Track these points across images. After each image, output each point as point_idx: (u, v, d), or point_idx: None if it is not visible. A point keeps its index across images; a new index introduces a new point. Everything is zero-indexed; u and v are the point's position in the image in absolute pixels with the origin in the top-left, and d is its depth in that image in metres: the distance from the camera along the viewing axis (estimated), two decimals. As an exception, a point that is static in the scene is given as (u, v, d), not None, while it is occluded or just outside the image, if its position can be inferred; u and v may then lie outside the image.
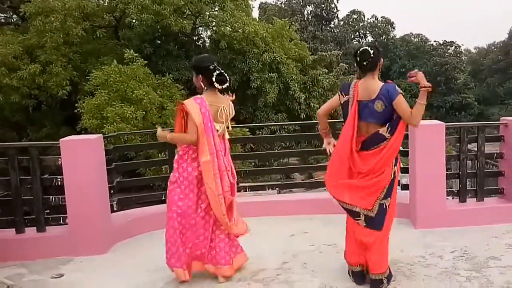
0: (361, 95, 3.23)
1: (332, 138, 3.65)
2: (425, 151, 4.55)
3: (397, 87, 3.23)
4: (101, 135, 4.56)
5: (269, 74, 19.18)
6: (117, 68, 14.84)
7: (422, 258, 3.86)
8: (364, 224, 3.27)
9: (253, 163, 14.93)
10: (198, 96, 3.39)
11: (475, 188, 4.93)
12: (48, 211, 4.66)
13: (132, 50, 15.99)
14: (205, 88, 3.41)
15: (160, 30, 18.68)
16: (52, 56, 15.94)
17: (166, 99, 15.58)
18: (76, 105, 15.54)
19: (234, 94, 3.60)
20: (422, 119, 3.39)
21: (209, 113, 3.32)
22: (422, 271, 3.58)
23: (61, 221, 4.44)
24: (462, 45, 49.75)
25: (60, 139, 4.22)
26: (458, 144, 4.82)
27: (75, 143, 4.26)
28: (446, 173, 4.81)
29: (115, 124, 13.41)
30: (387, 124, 3.20)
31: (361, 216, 3.27)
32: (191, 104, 3.30)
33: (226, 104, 3.47)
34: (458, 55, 46.65)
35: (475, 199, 4.92)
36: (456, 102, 42.08)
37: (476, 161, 4.88)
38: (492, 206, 4.86)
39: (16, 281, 3.68)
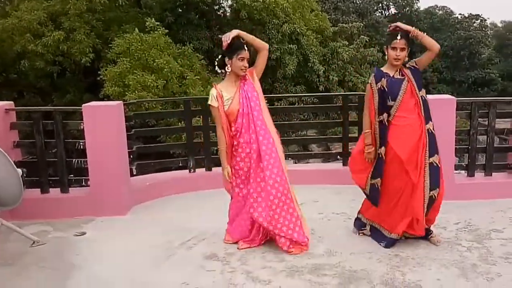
0: None
1: None
2: (435, 125, 4.60)
3: (371, 76, 3.66)
4: (121, 102, 4.76)
5: (289, 46, 18.98)
6: (138, 36, 14.92)
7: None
8: None
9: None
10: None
11: (484, 163, 5.00)
12: (71, 174, 4.93)
13: (153, 18, 16.00)
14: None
15: (181, -1, 18.62)
16: (75, 23, 16.07)
17: (186, 69, 15.66)
18: (98, 72, 15.76)
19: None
20: (443, 92, 3.75)
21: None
22: (425, 241, 3.71)
23: (83, 183, 4.70)
24: (488, 18, 48.07)
25: (83, 105, 4.44)
26: (469, 119, 4.86)
27: (96, 108, 4.46)
28: (456, 147, 4.89)
29: (136, 92, 13.59)
30: None
31: None
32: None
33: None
34: (484, 29, 45.02)
35: (483, 173, 4.99)
36: (479, 77, 40.90)
37: (486, 136, 4.92)
38: (500, 181, 4.93)
39: (41, 238, 3.95)
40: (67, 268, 3.43)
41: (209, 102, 3.48)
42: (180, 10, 19.51)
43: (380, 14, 44.32)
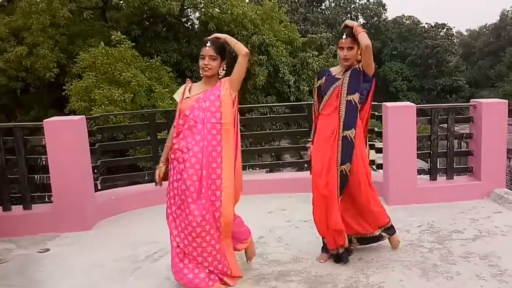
0: None
1: None
2: (397, 132, 4.76)
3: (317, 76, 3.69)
4: (83, 116, 4.70)
5: (259, 57, 19.14)
6: (104, 50, 14.76)
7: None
8: None
9: (243, 146, 15.09)
10: None
11: (445, 167, 5.16)
12: (35, 191, 4.81)
13: (119, 32, 15.86)
14: None
15: (147, 12, 18.53)
16: (38, 38, 15.78)
17: (154, 82, 15.56)
18: (64, 87, 15.49)
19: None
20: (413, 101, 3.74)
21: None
22: (389, 244, 3.79)
23: (47, 199, 4.60)
24: (454, 27, 49.75)
25: (44, 120, 4.37)
26: (429, 125, 5.03)
27: (58, 123, 4.40)
28: (418, 153, 5.04)
29: (103, 106, 13.40)
30: None
31: None
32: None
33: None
34: (450, 37, 46.68)
35: (445, 177, 5.15)
36: (447, 84, 42.27)
37: (446, 141, 5.09)
38: (461, 184, 5.11)
39: (4, 256, 3.86)
40: (31, 285, 3.38)
41: (174, 95, 3.26)
42: (147, 23, 19.43)
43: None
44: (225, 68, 3.14)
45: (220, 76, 3.13)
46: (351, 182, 3.41)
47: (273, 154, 17.51)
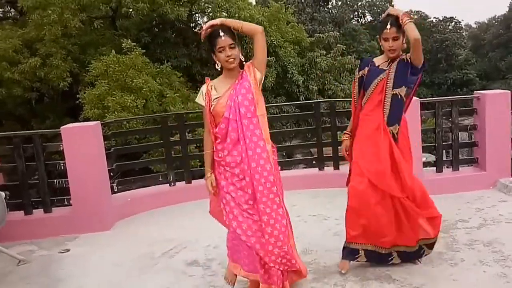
0: None
1: None
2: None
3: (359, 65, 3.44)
4: (99, 122, 4.91)
5: (267, 58, 19.37)
6: (115, 58, 15.06)
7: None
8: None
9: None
10: None
11: (451, 159, 5.26)
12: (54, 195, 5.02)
13: (130, 39, 16.16)
14: None
15: (157, 19, 18.83)
16: (51, 49, 16.16)
17: (165, 87, 15.82)
18: (77, 96, 15.83)
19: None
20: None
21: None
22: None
23: (66, 202, 4.81)
24: (462, 20, 49.39)
25: (61, 127, 4.58)
26: (434, 118, 5.13)
27: (74, 130, 4.61)
28: (424, 145, 5.15)
29: (116, 113, 13.68)
30: None
31: None
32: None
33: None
34: (459, 30, 46.30)
35: (451, 169, 5.24)
36: (458, 78, 41.91)
37: (451, 133, 5.19)
38: (466, 175, 5.20)
39: (27, 257, 4.06)
40: (53, 283, 3.56)
41: (196, 99, 2.95)
42: (157, 30, 19.73)
43: (356, 22, 45.15)
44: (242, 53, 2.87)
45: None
46: None
47: (284, 153, 17.63)
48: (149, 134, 12.54)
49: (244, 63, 2.88)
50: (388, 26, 3.07)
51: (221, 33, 2.76)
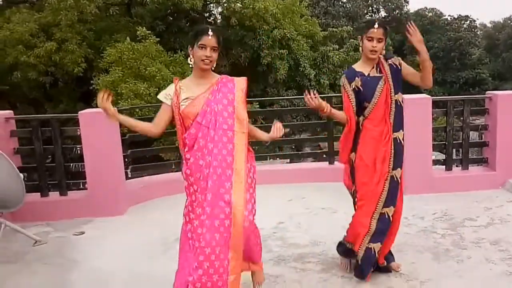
0: None
1: None
2: (413, 124, 4.87)
3: (343, 77, 3.15)
4: (116, 108, 4.99)
5: (280, 51, 19.30)
6: (130, 45, 15.17)
7: (405, 219, 4.22)
8: None
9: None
10: None
11: (460, 158, 5.30)
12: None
13: (144, 27, 16.28)
14: None
15: (171, 7, 18.89)
16: (67, 34, 16.33)
17: (178, 76, 15.95)
18: (91, 81, 15.99)
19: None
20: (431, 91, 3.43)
21: None
22: (403, 230, 3.94)
23: (81, 186, 4.94)
24: (477, 19, 48.85)
25: (79, 112, 4.69)
26: (445, 116, 5.16)
27: (92, 115, 4.71)
28: (434, 144, 5.18)
29: (129, 100, 13.82)
30: None
31: None
32: None
33: None
34: (473, 29, 45.79)
35: (460, 167, 5.29)
36: (470, 77, 41.50)
37: (462, 132, 5.22)
38: (475, 174, 5.24)
39: (42, 238, 4.19)
40: (68, 264, 3.67)
41: (158, 96, 2.76)
42: (171, 18, 19.80)
43: (370, 17, 44.83)
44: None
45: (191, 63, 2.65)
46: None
47: (293, 146, 17.71)
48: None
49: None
50: (376, 26, 2.97)
51: (210, 32, 2.57)
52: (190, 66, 2.67)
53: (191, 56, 2.63)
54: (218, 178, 2.56)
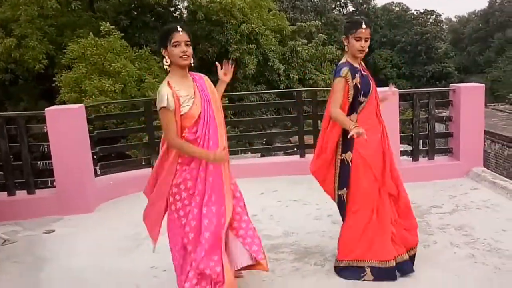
0: None
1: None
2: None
3: (344, 69, 3.04)
4: (83, 105, 4.92)
5: (248, 46, 19.29)
6: (93, 41, 14.82)
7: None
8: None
9: (237, 132, 15.35)
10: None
11: (427, 148, 5.47)
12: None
13: (108, 22, 15.94)
14: None
15: (136, 2, 18.62)
16: (27, 30, 15.80)
17: (144, 72, 15.68)
18: (53, 78, 15.56)
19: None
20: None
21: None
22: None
23: (49, 184, 4.83)
24: (443, 13, 50.11)
25: (46, 109, 4.58)
26: (411, 108, 5.32)
27: (59, 112, 4.62)
28: (401, 135, 5.33)
29: (94, 97, 13.53)
30: None
31: None
32: None
33: None
34: (439, 24, 46.97)
35: (427, 158, 5.46)
36: (437, 71, 42.54)
37: (427, 124, 5.39)
38: (441, 163, 5.43)
39: (12, 237, 4.09)
40: (39, 262, 3.62)
41: (162, 105, 2.56)
42: (135, 13, 19.47)
43: (338, 12, 45.34)
44: None
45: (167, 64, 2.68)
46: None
47: (264, 141, 17.79)
48: (126, 119, 12.57)
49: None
50: (364, 26, 2.99)
51: (179, 28, 2.61)
52: (166, 67, 2.67)
53: (166, 57, 2.64)
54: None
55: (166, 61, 2.65)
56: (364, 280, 3.06)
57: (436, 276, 3.11)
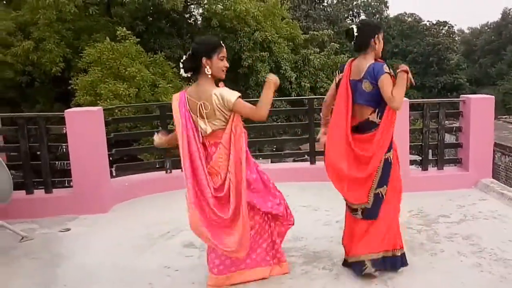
0: (353, 73, 3.16)
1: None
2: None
3: (386, 66, 3.05)
4: (101, 107, 5.07)
5: (261, 53, 19.48)
6: (109, 45, 15.10)
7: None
8: (361, 217, 3.23)
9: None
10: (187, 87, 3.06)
11: (436, 158, 5.53)
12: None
13: (124, 27, 16.23)
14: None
15: (152, 8, 18.89)
16: (45, 33, 16.15)
17: (158, 77, 15.91)
18: (69, 81, 15.85)
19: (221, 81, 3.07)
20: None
21: (185, 109, 2.96)
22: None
23: (66, 183, 4.97)
24: (455, 25, 49.94)
25: (65, 111, 4.74)
26: (422, 118, 5.38)
27: (78, 114, 4.77)
28: (411, 145, 5.40)
29: (108, 100, 13.76)
30: (377, 110, 3.10)
31: (358, 211, 3.23)
32: (174, 99, 3.02)
33: (207, 97, 2.90)
34: (451, 35, 46.85)
35: (436, 168, 5.52)
36: (448, 82, 42.36)
37: (437, 134, 5.45)
38: (450, 174, 5.48)
39: (29, 234, 4.22)
40: (56, 259, 3.74)
41: (237, 94, 2.90)
42: (151, 19, 19.77)
43: (350, 21, 45.44)
44: None
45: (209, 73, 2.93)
46: None
47: (274, 148, 17.87)
48: (139, 123, 12.88)
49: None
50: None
51: (222, 44, 2.92)
52: (209, 75, 2.90)
53: (208, 67, 2.87)
54: None
55: (208, 70, 2.87)
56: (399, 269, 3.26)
57: (442, 282, 3.17)
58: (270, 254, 3.25)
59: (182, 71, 2.95)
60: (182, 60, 2.95)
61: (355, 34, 3.14)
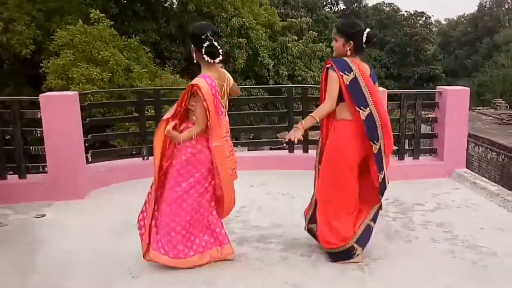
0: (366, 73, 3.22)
1: None
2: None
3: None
4: (77, 92, 4.95)
5: (238, 40, 19.32)
6: (82, 28, 14.67)
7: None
8: None
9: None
10: (206, 74, 3.06)
11: (412, 148, 5.64)
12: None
13: (97, 10, 15.81)
14: (203, 62, 3.10)
15: (126, -10, 18.50)
16: (15, 14, 15.58)
17: (132, 61, 15.60)
18: (40, 65, 15.39)
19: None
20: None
21: (218, 93, 3.08)
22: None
23: (41, 169, 4.86)
24: (433, 15, 50.46)
25: (40, 95, 4.60)
26: (399, 109, 5.47)
27: (54, 98, 4.65)
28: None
29: (81, 85, 13.43)
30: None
31: None
32: (205, 87, 2.98)
33: (227, 79, 3.22)
34: (428, 26, 47.26)
35: (412, 157, 5.63)
36: (425, 73, 42.78)
37: (414, 124, 5.56)
38: (425, 163, 5.61)
39: (3, 220, 4.13)
40: (33, 244, 3.68)
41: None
42: (125, 1, 19.33)
43: (329, 9, 45.44)
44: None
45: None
46: None
47: (251, 136, 17.89)
48: (112, 109, 12.66)
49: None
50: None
51: None
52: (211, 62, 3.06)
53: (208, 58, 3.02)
54: None
55: (210, 60, 3.06)
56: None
57: (416, 268, 3.26)
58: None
59: (218, 59, 3.06)
60: (215, 48, 3.01)
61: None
